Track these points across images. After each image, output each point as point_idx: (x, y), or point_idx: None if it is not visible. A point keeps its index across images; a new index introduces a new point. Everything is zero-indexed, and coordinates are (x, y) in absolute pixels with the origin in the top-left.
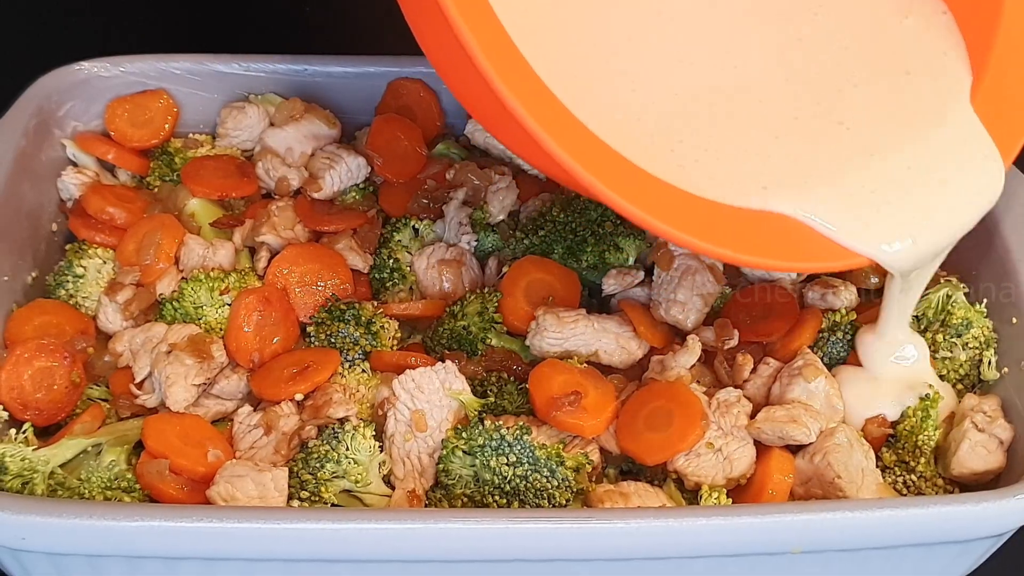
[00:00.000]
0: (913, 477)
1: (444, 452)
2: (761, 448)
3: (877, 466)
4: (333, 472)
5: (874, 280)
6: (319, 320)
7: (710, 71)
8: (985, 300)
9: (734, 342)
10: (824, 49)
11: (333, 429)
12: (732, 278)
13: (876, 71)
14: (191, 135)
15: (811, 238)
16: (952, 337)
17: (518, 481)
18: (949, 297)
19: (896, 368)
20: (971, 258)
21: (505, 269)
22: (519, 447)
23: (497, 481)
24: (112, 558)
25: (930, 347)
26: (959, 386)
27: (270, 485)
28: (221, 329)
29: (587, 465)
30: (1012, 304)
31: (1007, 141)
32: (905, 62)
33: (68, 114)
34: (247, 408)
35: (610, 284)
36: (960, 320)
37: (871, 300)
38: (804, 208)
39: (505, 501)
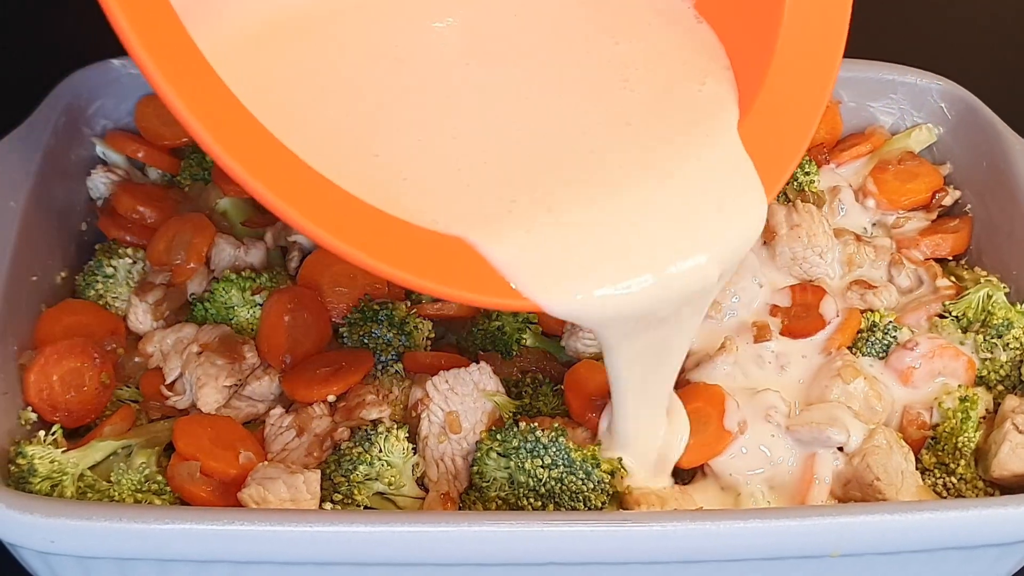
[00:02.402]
0: (953, 479)
1: (478, 454)
2: (800, 449)
3: (917, 468)
4: (366, 474)
5: (907, 284)
6: (352, 320)
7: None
8: None
9: (773, 343)
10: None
11: (366, 431)
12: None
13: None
14: None
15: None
16: (993, 338)
17: (553, 483)
18: (990, 297)
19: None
20: (1012, 258)
21: None
22: (554, 449)
23: (532, 483)
24: (142, 561)
25: (971, 347)
26: (1000, 387)
27: (302, 487)
28: (252, 330)
29: (622, 468)
30: None
31: (771, 178)
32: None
33: (98, 112)
34: (279, 409)
35: None
36: (1001, 320)
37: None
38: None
39: (540, 504)
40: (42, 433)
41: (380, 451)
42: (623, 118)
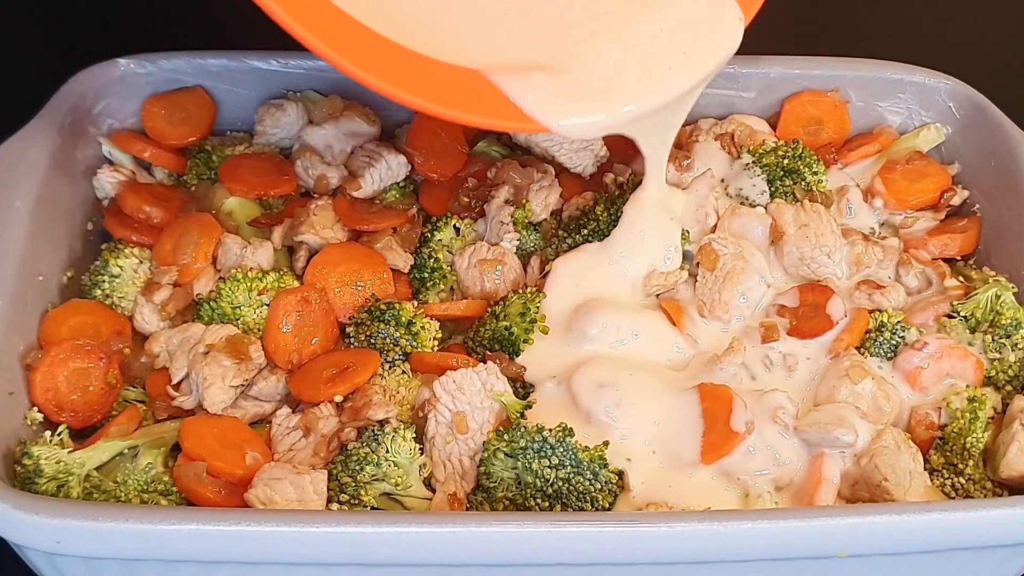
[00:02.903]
0: (961, 480)
1: (485, 454)
2: (808, 450)
3: (925, 469)
4: (373, 475)
5: (915, 284)
6: (359, 320)
7: None
8: None
9: (780, 343)
10: None
11: (373, 431)
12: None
13: None
14: (229, 133)
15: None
16: (1001, 338)
17: (560, 484)
18: (998, 297)
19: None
20: (1020, 257)
21: (548, 268)
22: (561, 449)
23: (539, 484)
24: (148, 562)
25: (979, 348)
26: (1008, 387)
27: (309, 488)
28: (259, 330)
29: (630, 468)
30: None
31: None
32: None
33: (104, 111)
34: (286, 410)
35: (653, 285)
36: (1009, 320)
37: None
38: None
39: (547, 504)
40: (48, 433)
41: (387, 451)
42: None
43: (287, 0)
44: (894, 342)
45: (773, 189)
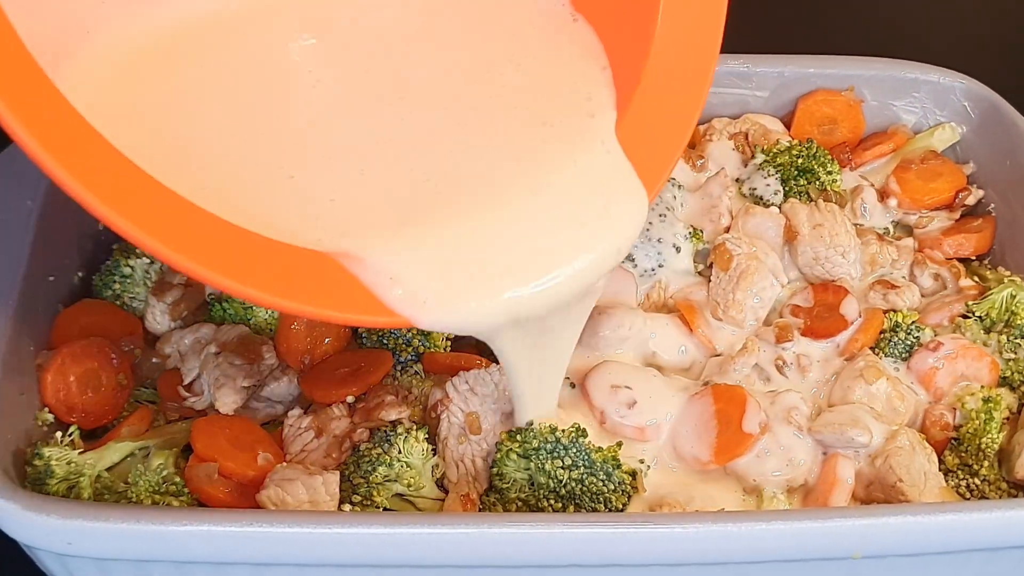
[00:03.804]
0: (976, 481)
1: (498, 455)
2: (822, 451)
3: (940, 469)
4: (385, 476)
5: (929, 284)
6: None
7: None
8: None
9: (794, 344)
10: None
11: (385, 432)
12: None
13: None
14: None
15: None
16: (1016, 338)
17: (573, 484)
18: (1013, 297)
19: None
20: None
21: None
22: (574, 450)
23: (552, 484)
24: (160, 563)
25: (994, 348)
26: (1023, 388)
27: (321, 489)
28: (271, 330)
29: (644, 469)
30: None
31: (651, 178)
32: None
33: None
34: (298, 410)
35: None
36: None
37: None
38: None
39: (560, 505)
40: (59, 434)
41: (399, 452)
42: (499, 128)
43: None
44: (909, 342)
45: (787, 189)
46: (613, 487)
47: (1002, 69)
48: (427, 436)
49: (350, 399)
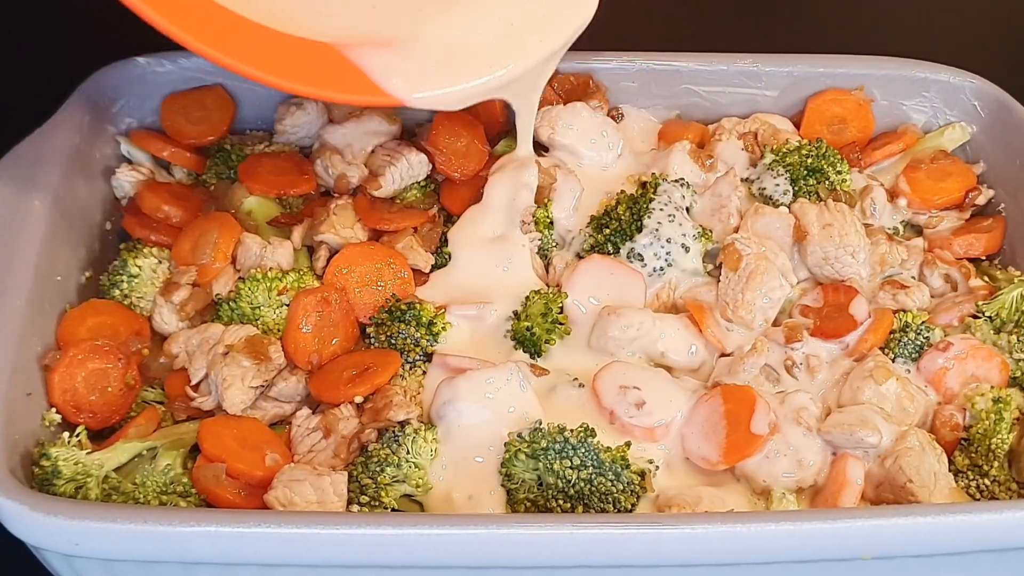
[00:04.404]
0: (986, 481)
1: (506, 455)
2: (832, 451)
3: (949, 470)
4: (393, 476)
5: (939, 284)
6: (379, 321)
7: None
8: None
9: (803, 345)
10: None
11: (393, 432)
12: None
13: None
14: (248, 132)
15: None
16: None
17: (582, 485)
18: (1023, 297)
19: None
20: None
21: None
22: (583, 450)
23: (561, 485)
24: (167, 564)
25: (1005, 348)
26: None
27: (329, 489)
28: (279, 330)
29: (653, 470)
30: None
31: None
32: None
33: (122, 110)
34: (305, 411)
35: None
36: None
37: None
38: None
39: (569, 505)
40: (66, 435)
41: (408, 453)
42: None
43: None
44: (918, 343)
45: (797, 188)
46: (622, 487)
47: (1012, 68)
48: (435, 436)
49: (358, 399)
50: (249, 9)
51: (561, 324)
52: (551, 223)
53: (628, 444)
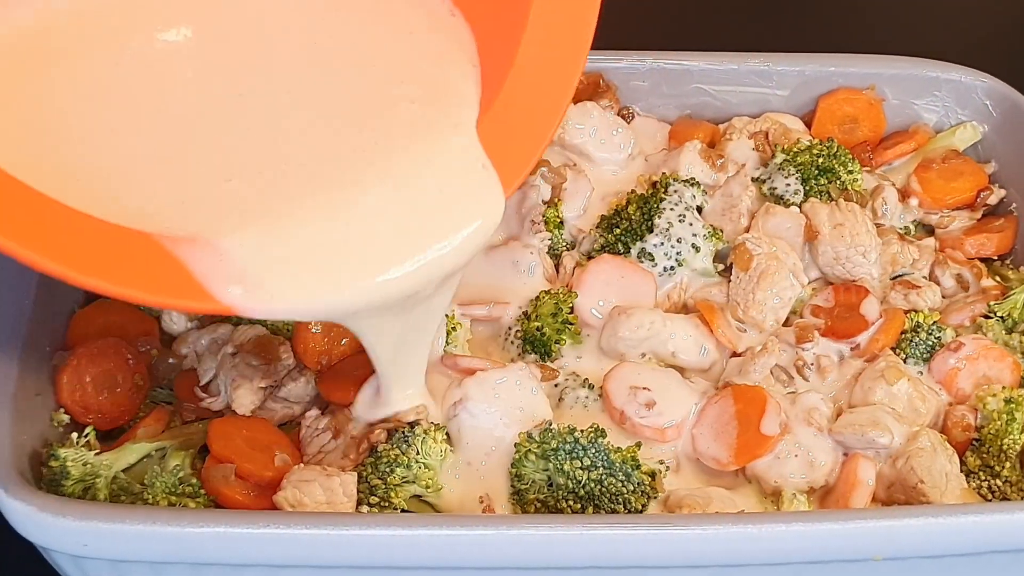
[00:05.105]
0: (998, 482)
1: (517, 456)
2: (843, 452)
3: (961, 471)
4: (403, 477)
5: (951, 284)
6: None
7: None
8: None
9: (814, 345)
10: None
11: (403, 432)
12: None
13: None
14: None
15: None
16: None
17: (593, 485)
18: None
19: None
20: None
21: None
22: (593, 450)
23: (571, 485)
24: (176, 565)
25: (1016, 348)
26: None
27: (339, 490)
28: (288, 330)
29: (663, 470)
30: None
31: (509, 174)
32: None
33: None
34: (315, 411)
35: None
36: None
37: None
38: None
39: (579, 506)
40: (75, 435)
41: (417, 453)
42: (359, 120)
43: None
44: (930, 343)
45: (808, 188)
46: (632, 488)
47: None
48: (445, 437)
49: None
50: (60, 190)
51: (571, 324)
52: (561, 223)
53: (639, 445)
